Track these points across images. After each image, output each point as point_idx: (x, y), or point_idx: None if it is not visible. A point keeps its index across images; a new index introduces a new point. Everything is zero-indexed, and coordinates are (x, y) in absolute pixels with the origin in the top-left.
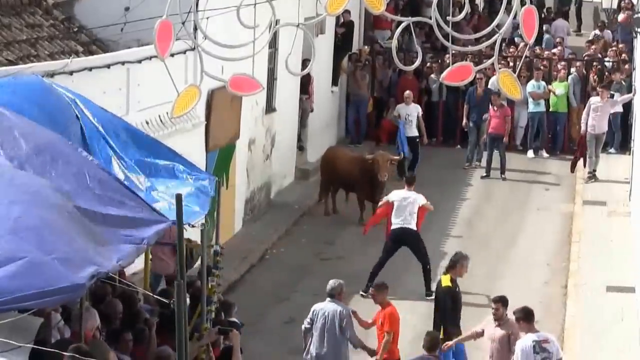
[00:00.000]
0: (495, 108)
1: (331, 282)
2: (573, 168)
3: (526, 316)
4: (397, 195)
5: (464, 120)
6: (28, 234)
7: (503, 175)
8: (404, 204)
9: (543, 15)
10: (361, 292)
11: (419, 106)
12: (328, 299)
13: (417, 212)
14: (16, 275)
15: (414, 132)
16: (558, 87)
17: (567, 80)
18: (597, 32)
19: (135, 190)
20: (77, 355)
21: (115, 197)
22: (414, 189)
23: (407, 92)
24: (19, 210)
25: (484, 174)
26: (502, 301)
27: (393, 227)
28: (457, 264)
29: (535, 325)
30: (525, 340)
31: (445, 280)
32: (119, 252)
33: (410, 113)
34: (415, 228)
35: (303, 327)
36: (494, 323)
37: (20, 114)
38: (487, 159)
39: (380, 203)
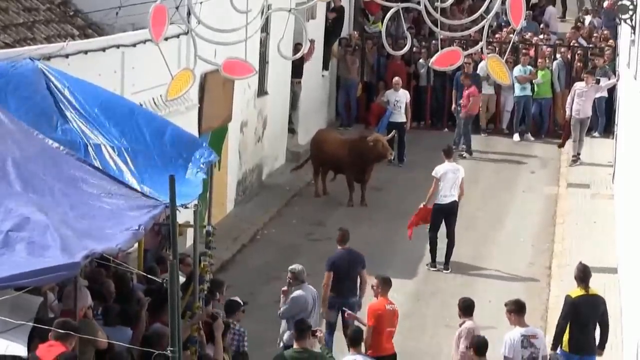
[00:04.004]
0: (466, 88)
1: (300, 268)
2: (563, 143)
3: (517, 309)
4: (443, 169)
5: (453, 105)
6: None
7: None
8: (452, 177)
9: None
10: (429, 266)
11: (407, 92)
12: (302, 284)
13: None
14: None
15: (402, 118)
16: (538, 75)
17: (548, 67)
18: (590, 17)
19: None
20: (60, 331)
21: (109, 188)
22: (452, 160)
23: (396, 78)
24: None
25: (464, 154)
26: (461, 304)
27: (442, 201)
28: None
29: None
30: (513, 334)
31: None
32: (118, 239)
33: (399, 99)
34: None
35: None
36: None
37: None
38: (466, 138)
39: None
